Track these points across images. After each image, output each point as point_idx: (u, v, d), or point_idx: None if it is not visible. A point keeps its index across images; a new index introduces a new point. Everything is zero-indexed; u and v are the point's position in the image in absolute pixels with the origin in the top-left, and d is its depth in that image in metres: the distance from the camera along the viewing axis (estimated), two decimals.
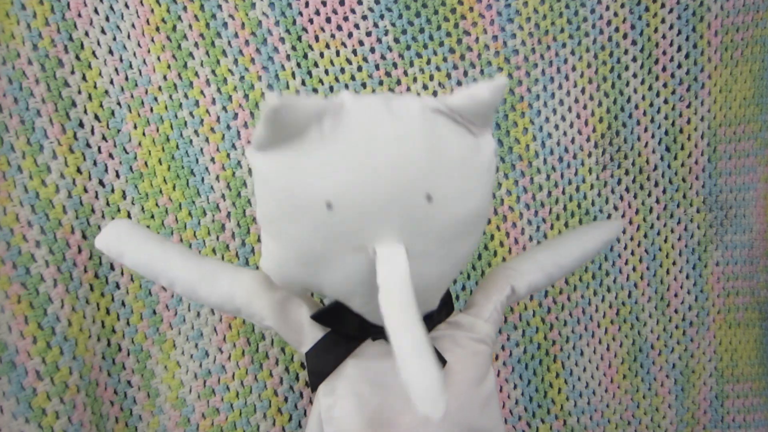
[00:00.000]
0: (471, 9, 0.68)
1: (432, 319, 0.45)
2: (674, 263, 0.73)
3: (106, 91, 0.60)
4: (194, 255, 0.47)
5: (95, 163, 0.60)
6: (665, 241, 0.73)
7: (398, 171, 0.37)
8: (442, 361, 0.44)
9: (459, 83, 0.68)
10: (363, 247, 0.37)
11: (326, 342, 0.44)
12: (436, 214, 0.38)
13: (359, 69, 0.66)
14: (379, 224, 0.37)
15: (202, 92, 0.63)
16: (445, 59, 0.68)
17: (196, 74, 0.62)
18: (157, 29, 0.62)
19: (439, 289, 0.43)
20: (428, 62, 0.68)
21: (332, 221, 0.37)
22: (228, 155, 0.63)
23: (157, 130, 0.62)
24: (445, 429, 0.43)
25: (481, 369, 0.46)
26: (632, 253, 0.72)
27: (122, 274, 0.60)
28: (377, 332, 0.42)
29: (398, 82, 0.67)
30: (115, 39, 0.61)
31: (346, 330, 0.43)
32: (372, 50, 0.67)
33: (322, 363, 0.44)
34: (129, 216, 0.61)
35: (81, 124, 0.60)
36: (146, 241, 0.46)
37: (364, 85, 0.66)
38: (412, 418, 0.42)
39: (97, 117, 0.60)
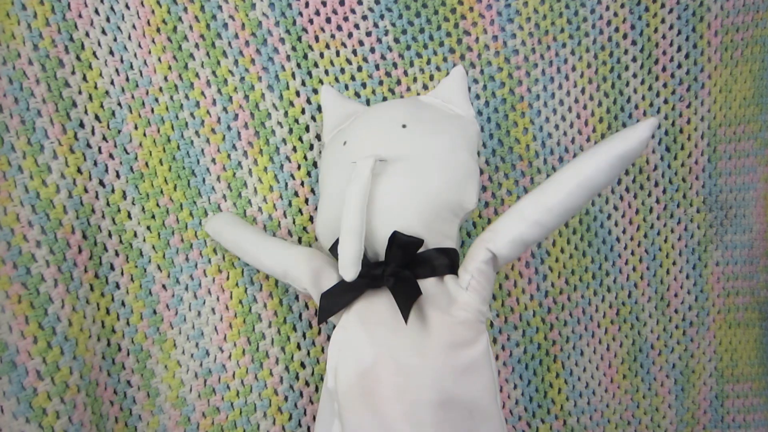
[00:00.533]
0: (471, 9, 0.68)
1: (414, 250, 0.48)
2: (674, 263, 0.73)
3: (107, 92, 0.61)
4: (263, 234, 0.60)
5: (96, 164, 0.60)
6: (665, 241, 0.73)
7: (386, 113, 0.54)
8: (418, 291, 0.45)
9: None
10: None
11: (338, 287, 0.49)
12: (408, 136, 0.51)
13: (359, 69, 0.66)
14: (370, 148, 0.50)
15: (202, 93, 0.63)
16: (445, 59, 0.68)
17: (197, 75, 0.63)
18: (158, 30, 0.62)
19: (409, 206, 0.48)
20: (428, 62, 0.68)
21: (346, 153, 0.52)
22: (229, 156, 0.63)
23: (158, 131, 0.62)
24: (420, 389, 0.43)
25: (459, 335, 0.45)
26: (632, 253, 0.72)
27: (122, 274, 0.60)
28: (381, 276, 0.48)
29: (398, 82, 0.67)
30: (115, 40, 0.61)
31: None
32: (372, 50, 0.67)
33: (332, 303, 0.49)
34: (129, 216, 0.61)
35: (81, 125, 0.60)
36: (234, 227, 0.60)
37: (364, 86, 0.66)
38: (396, 380, 0.44)
39: (97, 117, 0.60)
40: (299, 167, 0.64)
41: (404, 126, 0.51)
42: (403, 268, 0.47)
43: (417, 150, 0.50)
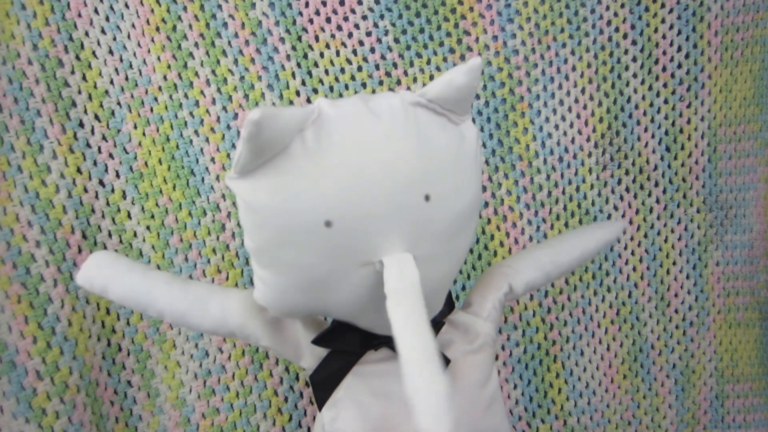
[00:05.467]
0: (471, 9, 0.68)
1: (438, 323, 0.45)
2: (674, 263, 0.73)
3: (106, 91, 0.60)
4: (180, 282, 0.45)
5: (95, 163, 0.60)
6: (665, 241, 0.73)
7: (393, 175, 0.36)
8: (446, 360, 0.43)
9: None
10: (369, 261, 0.36)
11: (329, 360, 0.44)
12: (436, 213, 0.37)
13: (359, 69, 0.66)
14: (383, 234, 0.36)
15: (202, 92, 0.63)
16: (445, 59, 0.68)
17: (196, 74, 0.62)
18: (157, 29, 0.62)
19: (444, 289, 0.43)
20: (428, 62, 0.68)
21: (334, 240, 0.35)
22: (228, 155, 0.63)
23: (158, 130, 0.62)
24: None
25: (485, 370, 0.45)
26: (632, 253, 0.72)
27: None
28: (381, 342, 0.43)
29: (398, 82, 0.67)
30: (115, 39, 0.61)
31: (348, 347, 0.43)
32: (372, 50, 0.67)
33: (328, 381, 0.43)
34: (129, 216, 0.61)
35: (81, 124, 0.60)
36: (129, 273, 0.44)
37: (364, 85, 0.66)
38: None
39: (97, 117, 0.60)
40: None
41: (428, 198, 0.37)
42: None
43: (449, 227, 0.39)
